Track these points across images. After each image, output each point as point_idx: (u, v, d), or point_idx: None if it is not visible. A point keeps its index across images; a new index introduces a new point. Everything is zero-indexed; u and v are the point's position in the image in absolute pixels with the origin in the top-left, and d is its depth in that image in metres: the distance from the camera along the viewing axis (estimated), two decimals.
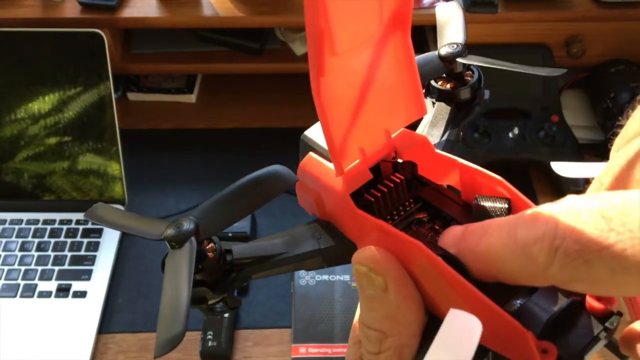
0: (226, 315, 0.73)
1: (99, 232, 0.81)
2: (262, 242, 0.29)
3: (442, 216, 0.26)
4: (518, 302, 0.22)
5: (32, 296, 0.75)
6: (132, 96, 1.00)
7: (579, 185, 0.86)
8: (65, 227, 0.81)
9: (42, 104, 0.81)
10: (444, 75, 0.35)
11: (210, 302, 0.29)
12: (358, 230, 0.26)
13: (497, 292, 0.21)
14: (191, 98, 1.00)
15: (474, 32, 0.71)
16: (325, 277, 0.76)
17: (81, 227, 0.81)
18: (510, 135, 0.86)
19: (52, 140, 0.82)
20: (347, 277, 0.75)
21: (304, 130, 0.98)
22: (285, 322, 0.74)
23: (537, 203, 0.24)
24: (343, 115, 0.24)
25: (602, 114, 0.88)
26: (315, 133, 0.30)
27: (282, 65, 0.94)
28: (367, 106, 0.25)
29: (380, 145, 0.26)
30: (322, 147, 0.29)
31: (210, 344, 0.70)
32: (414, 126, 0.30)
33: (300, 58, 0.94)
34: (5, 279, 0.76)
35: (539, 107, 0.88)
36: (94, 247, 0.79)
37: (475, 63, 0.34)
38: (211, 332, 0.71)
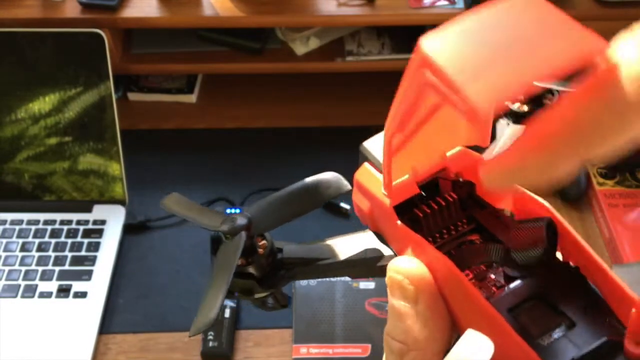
0: (227, 315, 0.73)
1: (99, 233, 0.81)
2: (313, 245, 0.31)
3: (496, 241, 0.25)
4: (554, 335, 0.21)
5: (32, 297, 0.75)
6: (133, 96, 1.00)
7: (581, 188, 0.85)
8: (65, 227, 0.81)
9: (42, 104, 0.81)
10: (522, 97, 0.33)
11: (257, 295, 0.30)
12: (399, 243, 0.26)
13: (534, 323, 0.21)
14: (192, 98, 1.00)
15: None
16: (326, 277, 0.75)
17: (82, 228, 0.81)
18: None
19: (53, 141, 0.82)
20: (347, 278, 0.75)
21: (304, 130, 0.99)
22: (286, 323, 0.74)
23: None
24: (406, 147, 0.24)
25: None
26: (372, 144, 0.30)
27: (283, 65, 0.94)
28: (430, 137, 0.24)
29: (433, 162, 0.26)
30: (376, 158, 0.29)
31: (211, 344, 0.70)
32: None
33: (301, 58, 0.94)
34: (6, 280, 0.76)
35: None
36: (95, 247, 0.79)
37: (555, 87, 0.32)
38: (212, 333, 0.71)
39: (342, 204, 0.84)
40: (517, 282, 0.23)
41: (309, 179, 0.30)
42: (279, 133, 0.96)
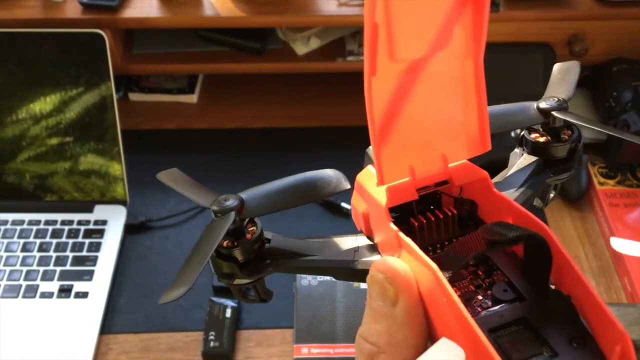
0: (228, 315, 0.73)
1: (100, 233, 0.81)
2: (302, 240, 0.30)
3: (489, 264, 0.24)
4: None
5: (34, 297, 0.75)
6: (134, 96, 1.00)
7: (582, 188, 0.85)
8: (67, 227, 0.81)
9: (43, 104, 0.81)
10: (540, 129, 0.34)
11: (237, 281, 0.30)
12: (390, 247, 0.25)
13: (515, 348, 0.20)
14: (192, 98, 1.00)
15: None
16: (327, 277, 0.75)
17: (83, 228, 0.81)
18: (512, 134, 0.85)
19: (54, 141, 0.82)
20: None
21: (305, 130, 0.99)
22: (287, 323, 0.74)
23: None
24: (394, 125, 0.23)
25: (605, 113, 0.88)
26: None
27: (284, 65, 0.94)
28: (423, 124, 0.24)
29: (433, 170, 0.25)
30: None
31: (212, 344, 0.70)
32: (493, 169, 0.29)
33: (302, 58, 0.94)
34: (8, 280, 0.76)
35: None
36: (96, 247, 0.79)
37: (571, 120, 0.32)
38: (213, 333, 0.71)
39: (343, 204, 0.84)
40: (503, 305, 0.22)
41: (309, 173, 0.30)
42: (280, 133, 0.96)
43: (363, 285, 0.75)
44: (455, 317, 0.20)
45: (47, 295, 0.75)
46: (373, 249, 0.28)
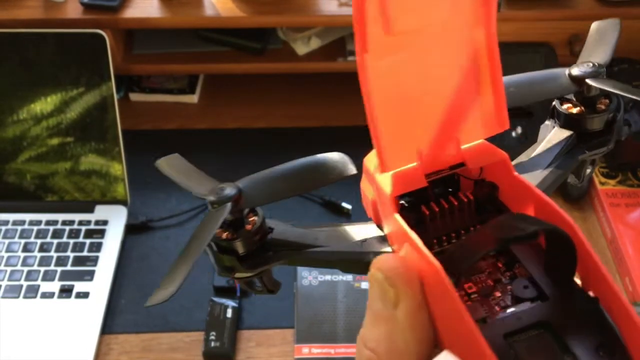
0: (229, 315, 0.73)
1: (101, 233, 0.81)
2: (306, 230, 0.28)
3: (511, 254, 0.22)
4: None
5: (35, 297, 0.75)
6: (134, 97, 1.00)
7: (583, 187, 0.85)
8: (67, 227, 0.81)
9: (44, 104, 0.81)
10: (573, 99, 0.30)
11: (239, 275, 0.28)
12: (396, 239, 0.23)
13: (533, 355, 0.18)
14: (193, 98, 1.00)
15: None
16: (328, 277, 0.75)
17: (84, 228, 0.81)
18: (513, 134, 0.86)
19: (55, 141, 0.82)
20: (349, 277, 0.75)
21: (306, 130, 1.00)
22: (288, 323, 0.74)
23: None
24: (395, 105, 0.21)
25: None
26: None
27: (284, 65, 0.94)
28: (429, 103, 0.21)
29: (444, 152, 0.23)
30: None
31: (213, 344, 0.70)
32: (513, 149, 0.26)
33: (302, 58, 0.94)
34: (9, 280, 0.76)
35: (542, 106, 0.88)
36: (97, 247, 0.79)
37: (608, 88, 0.28)
38: (214, 333, 0.71)
39: (344, 204, 0.84)
40: (523, 305, 0.20)
41: (312, 157, 0.27)
42: (281, 133, 0.96)
43: (364, 285, 0.75)
44: (459, 323, 0.18)
45: (48, 295, 0.75)
46: (383, 240, 0.26)
